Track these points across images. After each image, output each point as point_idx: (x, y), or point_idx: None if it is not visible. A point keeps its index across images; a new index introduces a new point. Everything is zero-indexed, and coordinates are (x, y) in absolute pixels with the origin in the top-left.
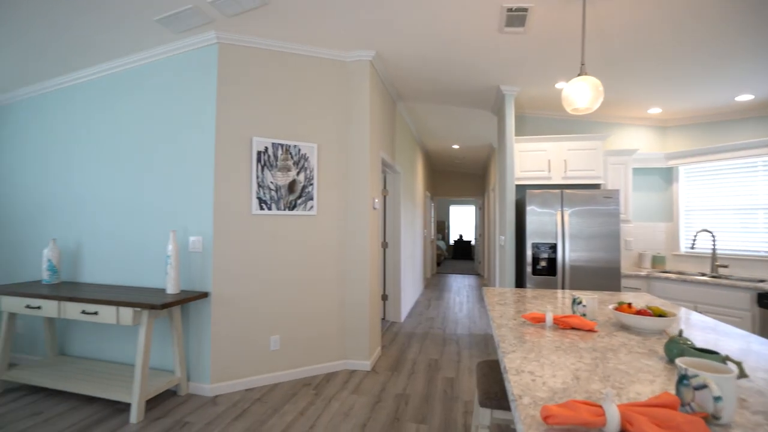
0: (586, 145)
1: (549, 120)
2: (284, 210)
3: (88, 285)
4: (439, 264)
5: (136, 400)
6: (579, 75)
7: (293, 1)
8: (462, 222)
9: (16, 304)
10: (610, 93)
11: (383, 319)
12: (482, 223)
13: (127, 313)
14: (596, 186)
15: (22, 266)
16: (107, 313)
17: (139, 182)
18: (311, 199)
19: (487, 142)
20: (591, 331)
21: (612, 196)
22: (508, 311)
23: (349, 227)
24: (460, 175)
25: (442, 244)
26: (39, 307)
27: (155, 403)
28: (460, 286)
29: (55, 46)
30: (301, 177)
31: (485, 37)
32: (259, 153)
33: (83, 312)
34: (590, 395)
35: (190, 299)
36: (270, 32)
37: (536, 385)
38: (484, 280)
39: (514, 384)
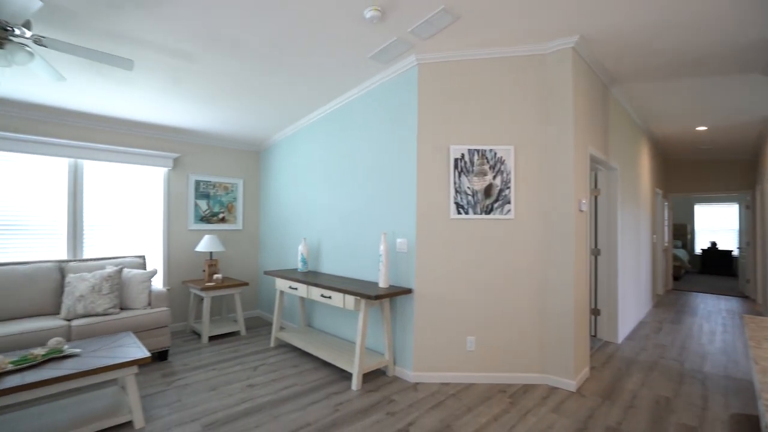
0: None
1: None
2: (481, 214)
3: (325, 275)
4: (677, 278)
5: (356, 371)
6: None
7: (485, 8)
8: (715, 226)
9: (284, 284)
10: None
11: (593, 336)
12: (752, 227)
13: (350, 300)
14: None
15: (286, 257)
16: (337, 299)
17: (356, 193)
18: (508, 202)
19: (758, 116)
20: None
21: None
22: None
23: (551, 231)
24: (709, 165)
25: (681, 253)
26: (296, 289)
27: (369, 378)
28: (712, 309)
29: (302, 92)
30: (498, 181)
31: None
32: (455, 160)
33: (322, 296)
34: None
35: (397, 293)
36: (462, 43)
37: None
38: (757, 305)
39: None
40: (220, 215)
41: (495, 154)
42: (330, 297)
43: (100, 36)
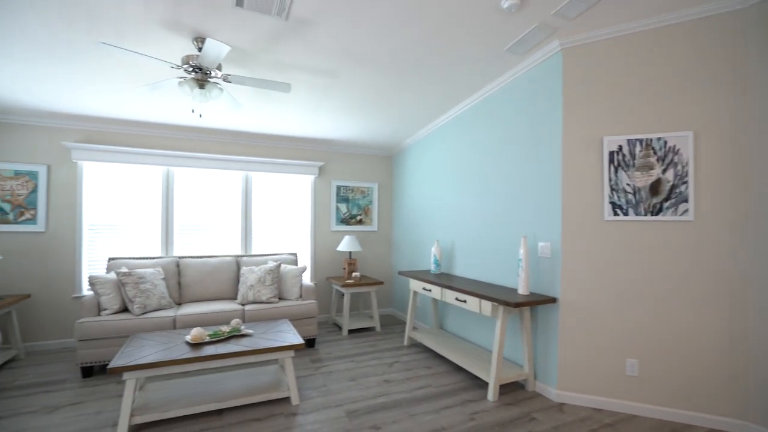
0: None
1: None
2: (645, 215)
3: (458, 277)
4: None
5: (492, 381)
6: None
7: None
8: None
9: (417, 285)
10: None
11: None
12: None
13: (487, 306)
14: None
15: (418, 258)
16: (472, 303)
17: (493, 193)
18: (684, 200)
19: None
20: None
21: None
22: None
23: (751, 238)
24: None
25: None
26: (429, 290)
27: (506, 389)
28: None
29: (433, 96)
30: (669, 175)
31: None
32: (611, 153)
33: (456, 299)
34: None
35: (538, 302)
36: (619, 15)
37: None
38: None
39: None
40: (358, 217)
41: (665, 143)
42: (465, 301)
43: (265, 67)
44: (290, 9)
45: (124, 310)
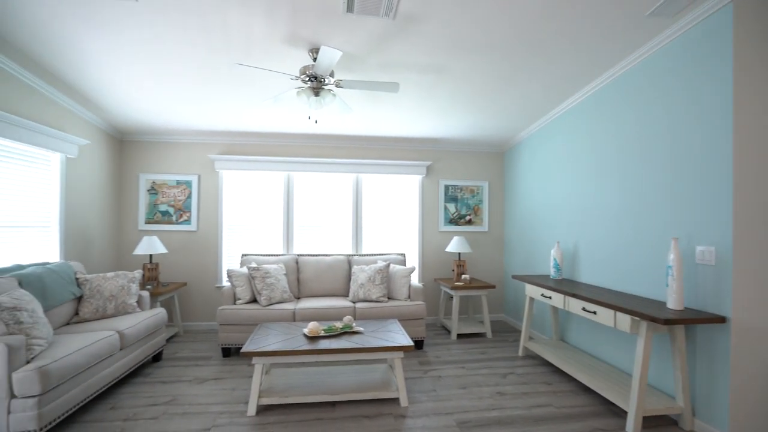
0: None
1: None
2: None
3: (584, 284)
4: None
5: (633, 411)
6: None
7: None
8: None
9: (535, 291)
10: None
11: None
12: None
13: (624, 320)
14: None
15: (534, 261)
16: (605, 315)
17: (631, 188)
18: None
19: None
20: None
21: None
22: None
23: None
24: None
25: None
26: (549, 297)
27: (651, 423)
28: None
29: (550, 82)
30: None
31: None
32: None
33: (583, 309)
34: None
35: (698, 321)
36: None
37: None
38: None
39: None
40: (467, 217)
41: None
42: (594, 312)
43: (373, 69)
44: (398, 7)
45: (254, 300)
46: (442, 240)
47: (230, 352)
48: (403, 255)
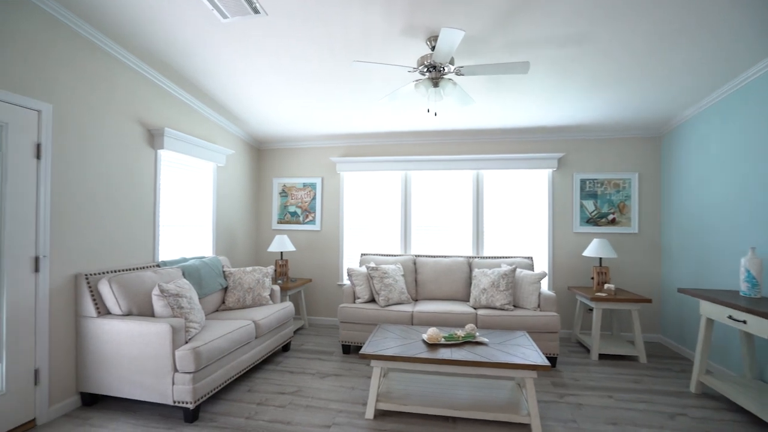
0: None
1: None
2: None
3: None
4: None
5: None
6: None
7: None
8: None
9: (715, 311)
10: None
11: None
12: None
13: None
14: None
15: (708, 272)
16: None
17: None
18: None
19: None
20: None
21: None
22: None
23: None
24: None
25: None
26: (744, 321)
27: None
28: None
29: (735, 37)
30: None
31: None
32: None
33: None
34: None
35: None
36: None
37: None
38: None
39: None
40: (610, 216)
41: None
42: None
43: (497, 51)
44: None
45: (372, 300)
46: (578, 243)
47: (350, 350)
48: (530, 259)
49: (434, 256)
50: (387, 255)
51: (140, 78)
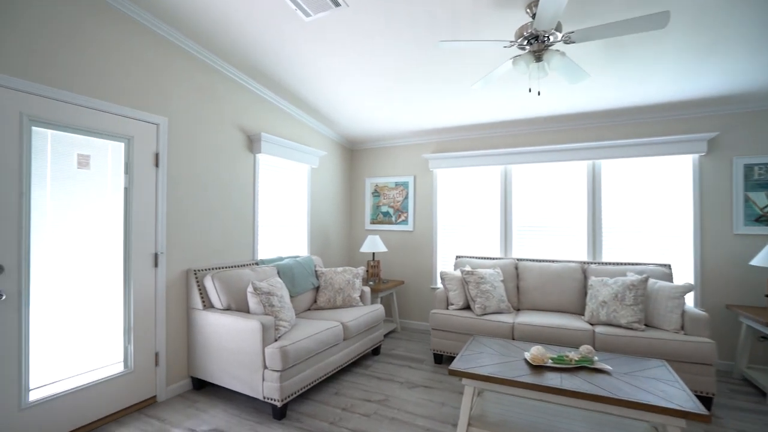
0: None
1: None
2: None
3: None
4: None
5: None
6: None
7: None
8: None
9: None
10: None
11: None
12: None
13: None
14: None
15: None
16: None
17: None
18: None
19: None
20: None
21: None
22: None
23: None
24: None
25: None
26: None
27: None
28: None
29: None
30: None
31: None
32: None
33: None
34: None
35: None
36: None
37: None
38: None
39: None
40: None
41: None
42: None
43: (620, 7)
44: None
45: (467, 307)
46: (741, 247)
47: (442, 359)
48: (668, 267)
49: (540, 260)
50: (484, 258)
51: (238, 87)
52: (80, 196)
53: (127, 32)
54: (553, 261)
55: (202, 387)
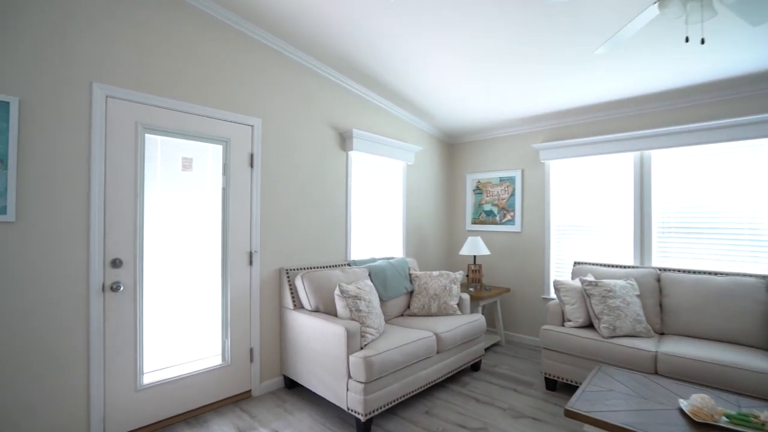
0: None
1: None
2: None
3: None
4: None
5: None
6: None
7: None
8: None
9: None
10: None
11: None
12: None
13: None
14: None
15: None
16: None
17: None
18: None
19: None
20: None
21: None
22: None
23: None
24: None
25: None
26: None
27: None
28: None
29: None
30: None
31: None
32: None
33: None
34: None
35: None
36: None
37: None
38: None
39: None
40: None
41: None
42: None
43: None
44: None
45: (590, 325)
46: None
47: (555, 386)
48: None
49: (694, 272)
50: (611, 266)
51: (328, 83)
52: (184, 197)
53: (221, 40)
54: (716, 273)
55: (293, 386)
